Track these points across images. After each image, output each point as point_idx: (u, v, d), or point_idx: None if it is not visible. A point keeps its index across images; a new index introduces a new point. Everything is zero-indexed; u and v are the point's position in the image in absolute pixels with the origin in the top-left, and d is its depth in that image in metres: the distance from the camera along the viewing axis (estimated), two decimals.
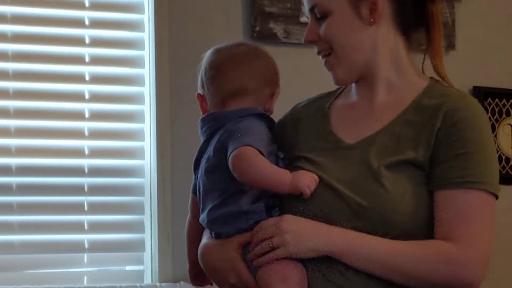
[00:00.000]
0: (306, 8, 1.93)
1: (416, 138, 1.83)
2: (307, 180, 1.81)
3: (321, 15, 1.88)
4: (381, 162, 1.82)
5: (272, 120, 1.94)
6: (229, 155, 1.82)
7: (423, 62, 1.95)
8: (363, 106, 1.93)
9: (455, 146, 1.80)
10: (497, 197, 1.84)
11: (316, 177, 1.82)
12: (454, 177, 1.79)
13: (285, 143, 1.98)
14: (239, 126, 1.86)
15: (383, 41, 1.90)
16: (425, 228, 1.81)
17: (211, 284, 1.98)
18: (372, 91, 1.92)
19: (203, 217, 1.91)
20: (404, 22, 1.91)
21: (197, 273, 2.03)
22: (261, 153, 1.83)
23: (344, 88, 2.03)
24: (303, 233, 1.78)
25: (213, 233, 1.91)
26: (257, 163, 1.82)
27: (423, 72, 1.95)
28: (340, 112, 1.97)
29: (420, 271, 1.76)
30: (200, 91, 1.99)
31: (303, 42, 1.94)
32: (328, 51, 1.90)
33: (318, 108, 2.00)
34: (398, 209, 1.78)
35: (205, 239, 1.94)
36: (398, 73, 1.92)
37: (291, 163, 1.93)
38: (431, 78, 1.94)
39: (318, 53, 1.93)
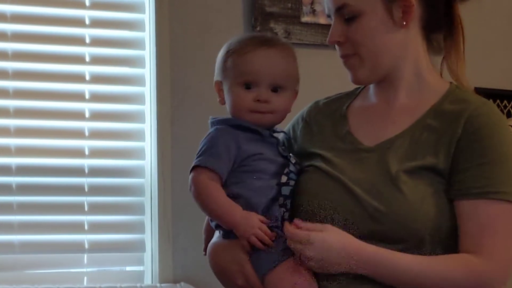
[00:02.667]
0: (331, 7, 1.88)
1: (436, 144, 1.81)
2: (249, 232, 1.79)
3: (350, 16, 1.84)
4: (400, 167, 1.80)
5: (248, 127, 1.90)
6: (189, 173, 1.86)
7: (441, 66, 1.93)
8: (382, 108, 1.92)
9: (476, 154, 1.78)
10: None
11: (261, 230, 1.79)
12: (476, 187, 1.77)
13: (301, 137, 1.98)
14: (200, 144, 1.88)
15: (410, 44, 1.88)
16: (444, 234, 1.79)
17: None
18: (392, 94, 1.91)
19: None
20: (429, 25, 1.89)
21: None
22: (218, 174, 1.83)
23: (362, 89, 2.01)
24: (327, 261, 1.74)
25: (221, 232, 1.90)
26: (207, 197, 1.83)
27: (442, 76, 1.94)
28: (358, 114, 1.95)
29: (449, 286, 1.75)
30: None
31: (327, 42, 1.89)
32: (353, 52, 1.86)
33: (336, 109, 1.99)
34: (416, 215, 1.76)
35: (215, 238, 1.92)
36: (420, 77, 1.90)
37: (306, 158, 1.92)
38: (451, 82, 1.92)
39: (342, 55, 1.88)
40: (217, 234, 1.92)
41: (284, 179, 1.86)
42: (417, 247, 1.77)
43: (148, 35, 3.35)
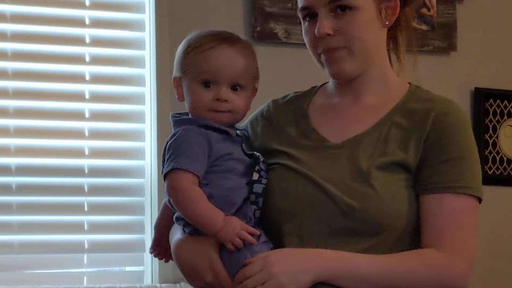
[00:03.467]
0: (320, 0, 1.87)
1: (405, 141, 1.85)
2: (232, 234, 1.77)
3: (344, 9, 1.85)
4: (371, 163, 1.82)
5: (217, 127, 1.88)
6: (163, 176, 1.83)
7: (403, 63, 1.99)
8: (346, 107, 1.94)
9: (443, 150, 1.83)
10: (480, 201, 1.86)
11: (244, 230, 1.78)
12: (442, 182, 1.81)
13: (262, 135, 1.98)
14: (171, 144, 1.85)
15: (384, 44, 1.94)
16: (415, 230, 1.83)
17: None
18: (357, 93, 1.93)
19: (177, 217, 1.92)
20: (394, 25, 1.95)
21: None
22: (196, 175, 1.81)
23: (319, 88, 2.03)
24: (295, 269, 1.74)
25: (186, 230, 1.89)
26: (190, 202, 1.80)
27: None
28: (320, 111, 1.97)
29: (414, 284, 1.77)
30: None
31: (317, 34, 1.86)
32: (344, 45, 1.87)
33: (296, 107, 2.00)
34: (388, 210, 1.79)
35: (179, 234, 1.90)
36: (385, 76, 1.94)
37: (269, 156, 1.92)
38: (409, 82, 1.96)
39: (330, 48, 1.87)
40: (180, 230, 1.90)
41: (256, 176, 1.86)
42: (389, 242, 1.80)
43: (148, 35, 3.35)
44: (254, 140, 1.99)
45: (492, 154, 3.70)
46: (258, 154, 1.91)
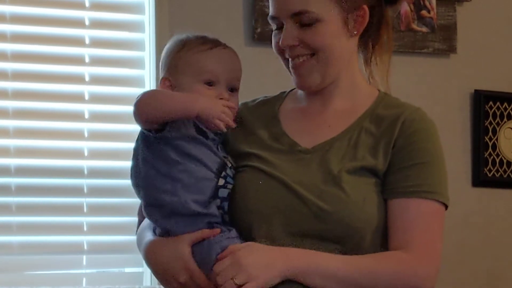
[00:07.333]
0: (285, 11, 1.89)
1: (375, 146, 1.87)
2: (218, 111, 1.79)
3: (308, 22, 1.87)
4: (341, 167, 1.85)
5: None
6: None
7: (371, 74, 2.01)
8: (315, 111, 1.96)
9: (410, 156, 1.86)
10: (446, 207, 1.88)
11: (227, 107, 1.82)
12: (409, 186, 1.84)
13: (233, 138, 1.98)
14: None
15: (353, 52, 1.95)
16: (384, 236, 1.85)
17: None
18: (326, 99, 1.95)
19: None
20: (365, 32, 1.95)
21: None
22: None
23: (289, 93, 2.05)
24: (263, 262, 1.76)
25: (157, 231, 1.90)
26: (163, 93, 1.85)
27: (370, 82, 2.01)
28: (290, 116, 1.99)
29: (380, 285, 1.79)
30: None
31: (281, 45, 1.91)
32: (308, 55, 1.90)
33: (267, 111, 2.02)
34: (359, 213, 1.81)
35: (150, 236, 1.92)
36: (354, 83, 1.96)
37: (240, 158, 1.94)
38: (378, 89, 1.99)
39: (296, 55, 1.90)
40: (150, 231, 1.93)
41: (221, 182, 1.87)
42: (358, 246, 1.82)
43: (148, 36, 3.35)
44: (225, 143, 2.01)
45: (492, 157, 3.70)
46: (227, 157, 1.92)
